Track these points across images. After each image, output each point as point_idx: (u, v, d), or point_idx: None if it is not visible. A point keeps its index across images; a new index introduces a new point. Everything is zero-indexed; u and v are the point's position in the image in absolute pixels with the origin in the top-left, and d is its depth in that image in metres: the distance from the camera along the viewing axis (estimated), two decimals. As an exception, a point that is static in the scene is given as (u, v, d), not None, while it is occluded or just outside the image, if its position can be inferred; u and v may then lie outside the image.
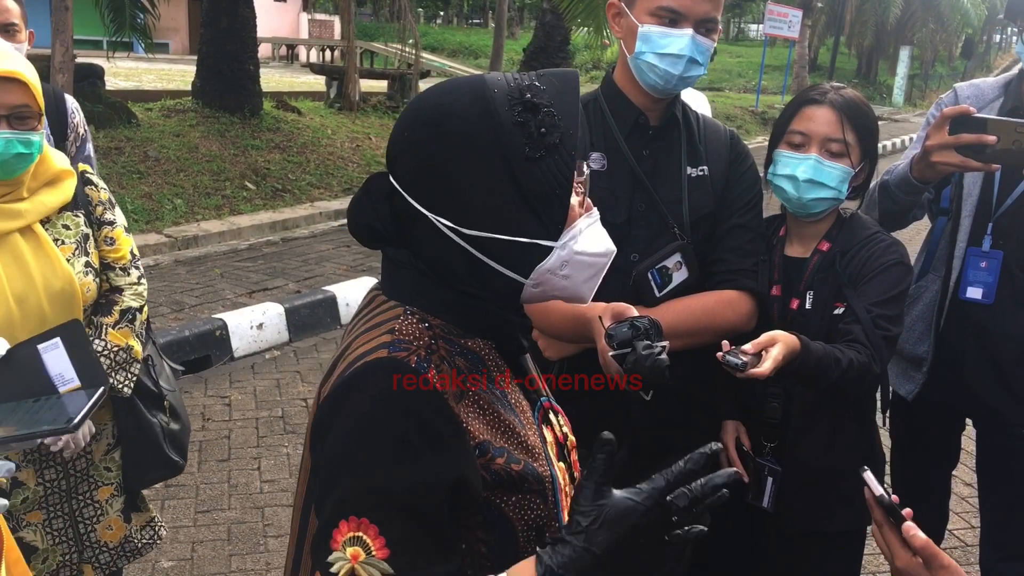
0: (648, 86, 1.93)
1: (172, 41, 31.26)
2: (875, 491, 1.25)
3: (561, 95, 1.09)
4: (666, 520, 0.99)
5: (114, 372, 2.21)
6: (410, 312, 1.12)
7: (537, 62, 14.53)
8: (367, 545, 0.98)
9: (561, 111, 1.08)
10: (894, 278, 2.00)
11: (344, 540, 0.98)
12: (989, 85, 2.50)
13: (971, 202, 2.41)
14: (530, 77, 1.11)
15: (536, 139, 1.06)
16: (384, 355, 1.05)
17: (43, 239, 2.10)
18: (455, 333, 1.13)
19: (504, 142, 1.06)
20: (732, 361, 1.71)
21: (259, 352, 5.57)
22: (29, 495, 2.22)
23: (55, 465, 2.25)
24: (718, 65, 32.13)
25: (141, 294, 2.31)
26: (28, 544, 2.22)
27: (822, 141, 2.01)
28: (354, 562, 0.98)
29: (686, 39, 1.84)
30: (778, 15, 21.09)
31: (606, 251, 1.16)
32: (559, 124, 1.07)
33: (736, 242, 1.98)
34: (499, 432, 1.12)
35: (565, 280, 1.13)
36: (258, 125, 10.32)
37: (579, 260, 1.12)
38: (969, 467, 3.86)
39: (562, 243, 1.10)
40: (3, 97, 1.99)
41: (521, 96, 1.07)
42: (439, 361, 1.08)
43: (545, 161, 1.07)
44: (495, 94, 1.07)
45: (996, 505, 2.58)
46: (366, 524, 0.98)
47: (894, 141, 17.64)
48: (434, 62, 26.92)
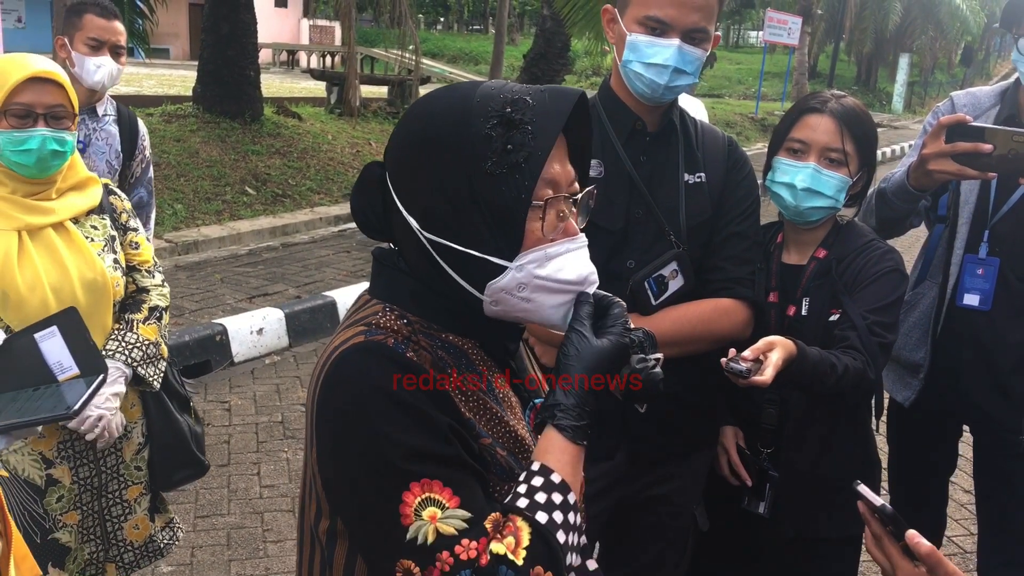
0: (637, 94, 1.93)
1: (173, 46, 31.33)
2: (875, 502, 1.23)
3: (546, 115, 1.07)
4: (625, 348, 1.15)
5: (145, 365, 2.29)
6: (389, 309, 1.15)
7: (537, 68, 14.54)
8: (439, 501, 1.01)
9: (539, 131, 1.06)
10: (889, 285, 2.00)
11: (414, 509, 1.01)
12: (985, 93, 2.52)
13: (968, 209, 2.42)
14: (524, 91, 1.09)
15: (500, 155, 1.06)
16: (361, 340, 1.09)
17: (74, 234, 2.20)
18: (435, 329, 1.16)
19: (468, 153, 1.06)
20: (736, 368, 1.71)
21: (259, 357, 5.58)
22: (65, 493, 2.25)
23: (88, 463, 2.29)
24: (718, 72, 32.20)
25: (165, 295, 2.43)
26: (64, 545, 2.25)
27: (821, 150, 2.02)
28: (434, 521, 1.00)
29: (671, 49, 1.83)
30: (778, 22, 21.15)
31: (579, 279, 1.13)
32: (529, 144, 1.05)
33: (733, 250, 1.98)
34: (483, 418, 1.14)
35: (527, 303, 1.11)
36: (259, 130, 10.33)
37: (541, 284, 1.10)
38: (968, 474, 3.87)
39: (518, 264, 1.09)
40: (40, 96, 2.10)
41: (501, 109, 1.07)
42: (418, 349, 1.10)
43: (506, 179, 1.06)
44: (476, 104, 1.08)
45: (993, 512, 2.58)
46: (427, 483, 1.02)
47: (893, 148, 17.65)
48: (434, 68, 26.95)
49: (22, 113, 2.08)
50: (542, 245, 1.10)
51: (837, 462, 2.06)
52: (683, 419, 2.01)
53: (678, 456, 2.07)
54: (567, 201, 1.13)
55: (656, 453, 2.04)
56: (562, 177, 1.12)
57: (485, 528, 1.01)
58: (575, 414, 1.09)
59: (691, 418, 2.05)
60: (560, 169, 1.12)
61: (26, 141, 2.07)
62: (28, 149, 2.08)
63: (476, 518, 1.02)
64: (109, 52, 3.09)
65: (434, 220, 1.10)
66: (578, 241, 1.14)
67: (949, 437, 2.70)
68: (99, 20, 3.07)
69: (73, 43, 3.07)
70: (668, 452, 2.05)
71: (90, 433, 2.16)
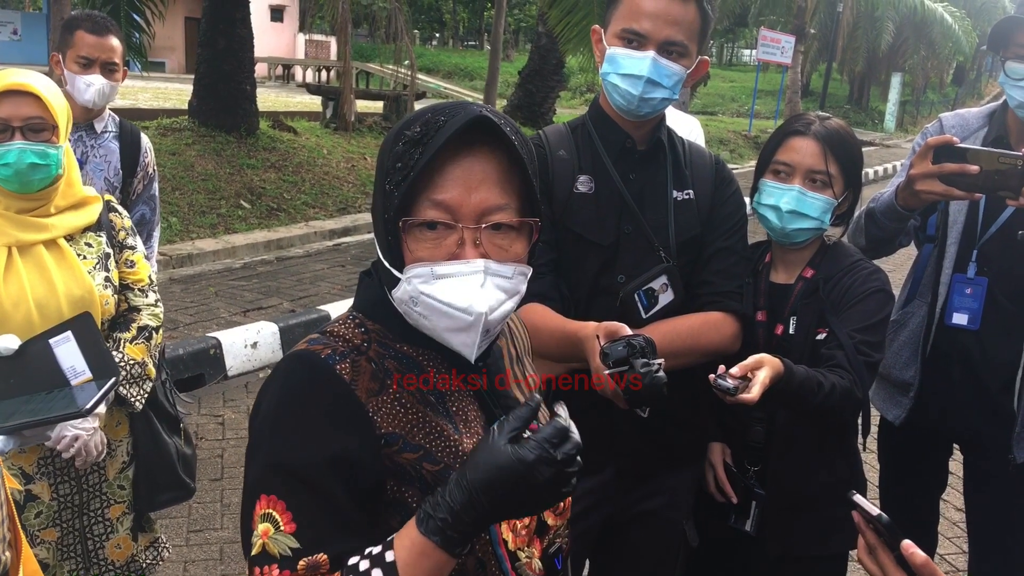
0: (615, 106, 1.96)
1: (169, 60, 31.38)
2: (871, 512, 1.23)
3: (442, 134, 1.06)
4: (537, 462, 0.99)
5: (128, 385, 2.27)
6: (352, 317, 1.21)
7: (532, 84, 14.62)
8: (276, 521, 1.05)
9: (427, 150, 1.06)
10: (876, 304, 2.02)
11: (259, 517, 1.05)
12: (974, 115, 2.55)
13: (956, 229, 2.45)
14: (448, 112, 1.09)
15: (392, 172, 1.10)
16: (303, 347, 1.15)
17: (66, 251, 2.20)
18: (390, 338, 1.19)
19: (382, 168, 1.13)
20: (723, 385, 1.73)
21: (253, 371, 5.57)
22: (44, 509, 2.24)
23: (69, 480, 2.28)
24: (711, 89, 32.40)
25: (158, 315, 2.40)
26: (41, 562, 2.23)
27: (805, 172, 2.04)
28: (264, 538, 1.04)
29: (646, 61, 1.86)
30: (771, 41, 21.33)
31: (463, 307, 1.08)
32: (414, 165, 1.07)
33: (721, 264, 2.01)
34: (420, 431, 1.15)
35: (424, 320, 1.12)
36: (254, 144, 10.35)
37: (428, 303, 1.10)
38: (960, 492, 3.88)
39: (407, 276, 1.11)
40: (16, 109, 2.09)
41: (414, 128, 1.10)
42: (364, 360, 1.14)
43: (391, 195, 1.10)
44: (406, 123, 1.12)
45: (984, 530, 2.59)
46: (274, 501, 1.05)
47: (885, 167, 17.75)
48: (430, 83, 27.04)
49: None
50: (430, 263, 1.09)
51: (823, 480, 2.07)
52: (672, 433, 2.03)
53: (667, 471, 2.08)
54: (471, 230, 1.09)
55: (645, 468, 2.05)
56: (460, 202, 1.08)
57: (298, 565, 1.03)
58: (442, 522, 1.00)
59: (680, 432, 2.06)
60: (457, 193, 1.08)
61: (3, 156, 2.07)
62: (6, 163, 2.07)
63: (301, 551, 1.03)
64: (100, 69, 3.00)
65: (375, 224, 1.18)
66: (470, 266, 1.09)
67: (939, 455, 2.71)
68: (90, 37, 2.99)
69: (65, 60, 3.00)
70: (657, 467, 2.06)
71: (65, 452, 2.14)
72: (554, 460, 0.99)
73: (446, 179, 1.08)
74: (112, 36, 3.05)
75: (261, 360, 5.65)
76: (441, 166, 1.08)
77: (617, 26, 1.91)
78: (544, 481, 0.99)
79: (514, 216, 1.13)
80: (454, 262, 1.09)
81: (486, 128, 1.08)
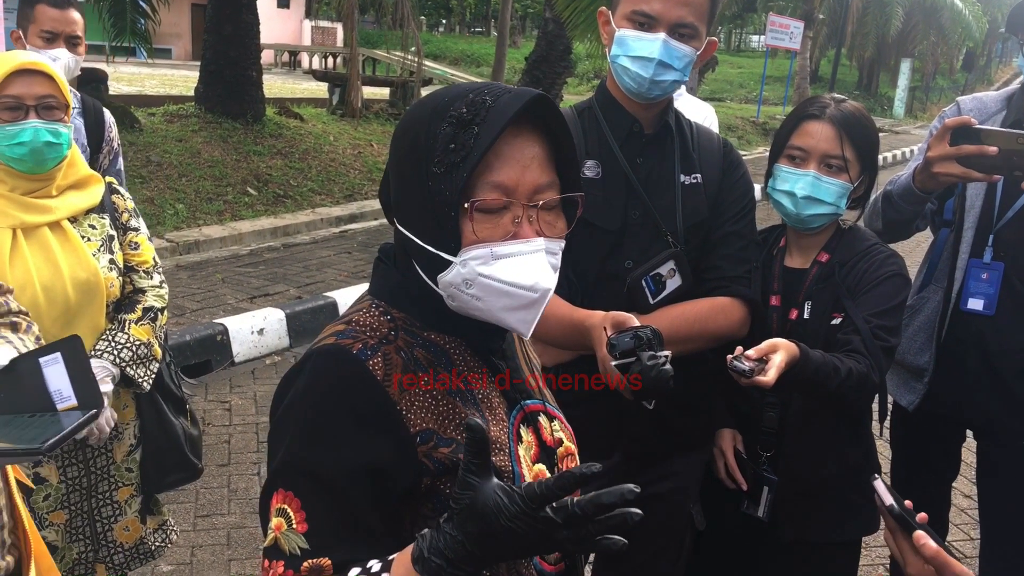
0: (624, 89, 1.94)
1: (175, 47, 31.36)
2: (885, 501, 1.24)
3: (496, 115, 1.06)
4: (548, 529, 0.91)
5: (134, 366, 2.27)
6: (376, 305, 1.18)
7: (539, 71, 14.53)
8: (290, 518, 1.04)
9: (484, 131, 1.05)
10: (892, 289, 2.00)
11: (275, 510, 1.05)
12: (992, 98, 2.51)
13: (973, 214, 2.42)
14: (492, 92, 1.09)
15: (443, 154, 1.07)
16: (331, 342, 1.12)
17: (70, 233, 2.19)
18: (417, 326, 1.17)
19: (422, 150, 1.09)
20: (739, 367, 1.71)
21: (260, 357, 5.57)
22: (52, 492, 2.25)
23: (77, 463, 2.29)
24: (720, 75, 32.22)
25: (163, 296, 2.40)
26: (50, 544, 2.23)
27: (821, 157, 2.01)
28: (277, 532, 1.04)
29: (657, 43, 1.83)
30: (780, 26, 21.17)
31: (528, 285, 1.09)
32: (469, 143, 1.05)
33: (729, 249, 1.99)
34: (451, 424, 1.13)
35: (478, 301, 1.10)
36: (260, 131, 10.34)
37: (487, 284, 1.09)
38: (968, 479, 3.87)
39: (462, 260, 1.08)
40: (29, 88, 2.10)
41: (459, 110, 1.08)
42: (393, 351, 1.12)
43: (444, 177, 1.07)
44: (443, 104, 1.10)
45: (996, 517, 2.57)
46: (291, 497, 1.04)
47: (895, 153, 17.66)
48: (436, 70, 26.97)
49: (13, 105, 2.08)
50: (488, 243, 1.09)
51: (837, 466, 2.06)
52: (680, 418, 2.01)
53: (674, 455, 2.07)
54: (526, 208, 1.10)
55: (652, 452, 2.03)
56: (516, 182, 1.09)
57: (302, 565, 1.02)
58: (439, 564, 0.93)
59: (688, 417, 2.05)
60: (514, 173, 1.09)
61: (18, 134, 2.07)
62: (21, 142, 2.07)
63: (308, 552, 1.02)
64: (64, 43, 2.92)
65: (402, 213, 1.15)
66: (531, 245, 1.10)
67: (952, 441, 2.69)
68: (51, 11, 2.90)
69: (27, 36, 2.93)
70: (664, 451, 2.05)
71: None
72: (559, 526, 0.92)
73: (502, 160, 1.08)
74: (73, 9, 2.99)
75: (268, 346, 5.65)
76: (496, 147, 1.07)
77: (626, 8, 1.88)
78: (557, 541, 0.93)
79: (557, 193, 1.14)
80: (514, 242, 1.09)
81: (535, 108, 1.09)
